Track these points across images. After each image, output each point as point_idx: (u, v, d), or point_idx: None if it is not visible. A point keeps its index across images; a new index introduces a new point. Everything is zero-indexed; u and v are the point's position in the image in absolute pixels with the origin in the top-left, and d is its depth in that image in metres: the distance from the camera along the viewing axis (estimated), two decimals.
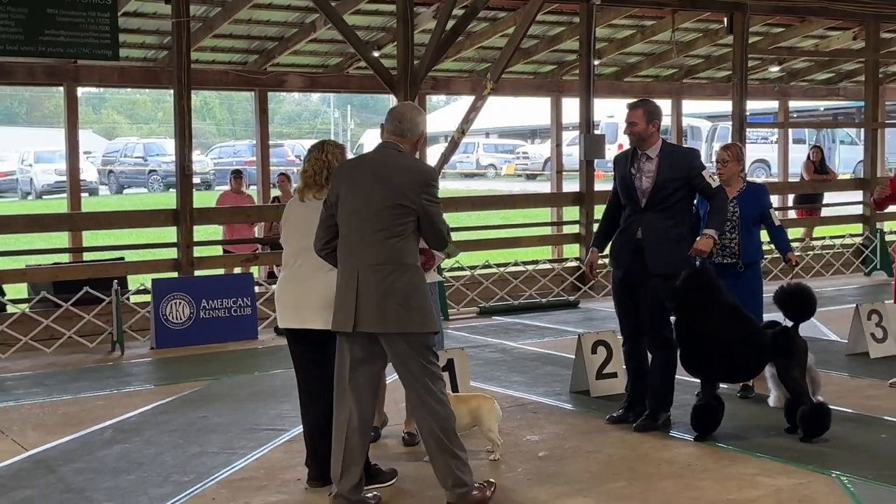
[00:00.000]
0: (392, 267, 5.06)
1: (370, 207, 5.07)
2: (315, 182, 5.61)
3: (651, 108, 6.72)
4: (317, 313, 5.48)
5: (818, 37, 16.87)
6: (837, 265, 14.96)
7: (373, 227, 5.06)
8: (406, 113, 5.31)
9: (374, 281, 5.04)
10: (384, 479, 5.64)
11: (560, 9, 13.79)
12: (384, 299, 5.03)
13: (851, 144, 32.47)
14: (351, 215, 5.12)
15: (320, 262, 5.46)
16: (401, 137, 5.24)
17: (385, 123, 5.40)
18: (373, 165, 5.21)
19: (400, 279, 5.06)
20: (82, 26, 10.29)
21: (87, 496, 5.66)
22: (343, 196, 5.16)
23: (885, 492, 5.49)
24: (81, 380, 8.77)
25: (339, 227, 5.18)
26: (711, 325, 6.36)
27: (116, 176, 34.57)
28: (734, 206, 7.53)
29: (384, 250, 5.06)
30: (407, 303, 5.05)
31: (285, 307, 5.64)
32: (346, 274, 5.12)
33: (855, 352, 9.15)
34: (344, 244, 5.16)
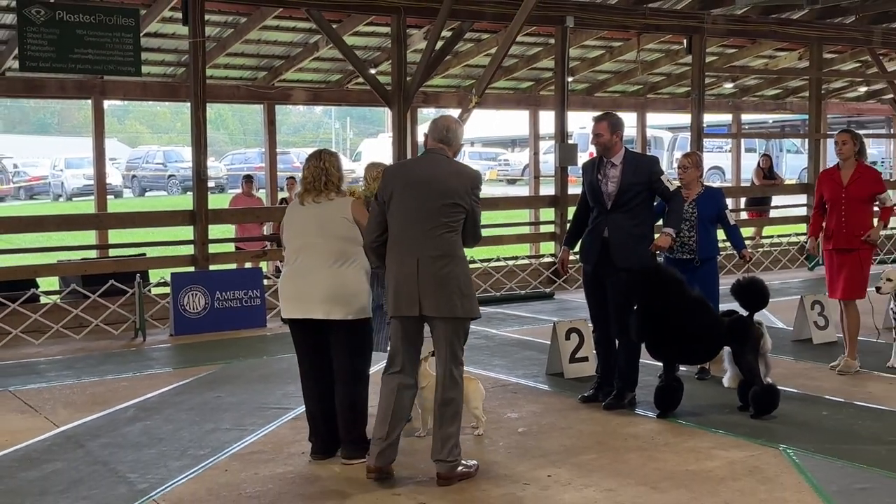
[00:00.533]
0: (449, 258, 5.14)
1: (429, 205, 5.13)
2: (314, 187, 5.58)
3: (614, 120, 6.73)
4: (318, 305, 5.47)
5: (767, 57, 16.92)
6: (784, 261, 14.99)
7: (432, 222, 5.12)
8: (451, 125, 5.36)
9: (434, 269, 5.10)
10: None
11: (537, 31, 13.78)
12: (444, 286, 5.10)
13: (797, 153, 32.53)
14: (409, 212, 5.15)
15: (320, 258, 5.47)
16: (446, 146, 5.31)
17: (429, 133, 5.40)
18: (426, 168, 5.26)
19: (456, 268, 5.15)
20: (108, 45, 10.25)
21: (112, 468, 5.63)
22: (398, 194, 5.19)
23: (826, 463, 5.51)
24: (107, 363, 8.73)
25: (393, 222, 5.21)
26: (675, 314, 6.36)
27: (139, 180, 34.37)
28: (693, 208, 7.54)
29: (442, 243, 5.13)
30: (461, 291, 5.14)
31: (288, 299, 5.62)
32: (405, 264, 5.15)
33: (799, 338, 9.18)
34: (401, 237, 5.19)
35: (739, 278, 6.79)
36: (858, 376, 7.64)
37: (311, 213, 5.54)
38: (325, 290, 5.44)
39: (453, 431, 5.23)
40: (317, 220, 5.52)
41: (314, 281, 5.48)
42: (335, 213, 5.51)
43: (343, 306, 5.46)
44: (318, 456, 5.69)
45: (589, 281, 6.85)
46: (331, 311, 5.46)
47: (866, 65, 17.57)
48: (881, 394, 7.10)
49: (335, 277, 5.46)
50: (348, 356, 5.56)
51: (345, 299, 5.46)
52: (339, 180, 5.61)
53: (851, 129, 8.15)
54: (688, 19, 13.76)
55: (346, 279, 5.48)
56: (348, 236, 5.51)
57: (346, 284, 5.48)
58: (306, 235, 5.54)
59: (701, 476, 5.31)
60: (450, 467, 5.21)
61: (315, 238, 5.52)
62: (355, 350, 5.58)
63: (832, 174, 7.91)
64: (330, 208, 5.53)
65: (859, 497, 4.96)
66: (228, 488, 5.26)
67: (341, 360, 5.57)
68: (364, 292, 5.56)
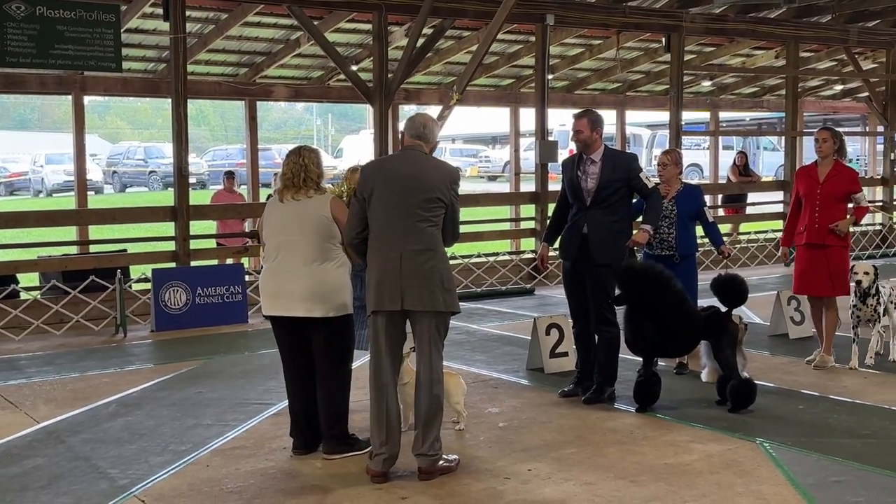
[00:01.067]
0: (432, 252, 5.15)
1: (410, 200, 5.13)
2: (293, 184, 5.54)
3: (594, 117, 6.74)
4: (298, 303, 5.45)
5: (745, 55, 17.00)
6: (761, 257, 15.08)
7: (414, 217, 5.12)
8: (427, 122, 5.39)
9: (417, 263, 5.10)
10: (361, 447, 5.61)
11: (518, 29, 13.79)
12: (427, 280, 5.11)
13: (774, 151, 32.73)
14: (391, 207, 5.15)
15: (300, 256, 5.45)
16: (424, 142, 5.32)
17: (406, 130, 5.40)
18: (405, 164, 5.26)
19: (438, 263, 5.16)
20: (89, 41, 10.17)
21: (93, 464, 5.60)
22: (379, 191, 5.18)
23: (802, 456, 5.55)
24: (88, 359, 8.67)
25: (374, 218, 5.20)
26: (656, 309, 6.37)
27: (120, 176, 34.13)
28: (672, 205, 7.57)
29: (424, 237, 5.14)
30: (443, 284, 5.16)
31: (269, 297, 5.60)
32: (388, 259, 5.14)
33: (776, 333, 9.24)
34: (383, 232, 5.18)
35: (719, 274, 6.83)
36: (833, 371, 7.71)
37: (290, 210, 5.52)
38: (305, 287, 5.43)
39: (435, 426, 5.23)
40: (296, 218, 5.50)
41: (294, 279, 5.46)
42: (314, 211, 5.48)
43: (323, 304, 5.44)
44: (299, 451, 5.68)
45: (568, 276, 6.86)
46: (311, 308, 5.44)
47: (842, 63, 17.69)
48: (856, 388, 7.16)
49: (315, 275, 5.44)
50: (330, 353, 5.55)
51: (325, 297, 5.44)
52: (318, 177, 5.57)
53: (832, 127, 8.20)
54: (666, 18, 13.82)
55: (326, 276, 5.46)
56: (328, 234, 5.48)
57: (325, 282, 5.45)
58: (286, 233, 5.52)
59: (679, 469, 5.34)
60: (431, 462, 5.21)
61: (295, 235, 5.49)
62: (337, 347, 5.57)
63: (809, 171, 7.96)
64: (309, 206, 5.49)
65: (835, 490, 5.00)
66: (210, 484, 5.24)
67: (323, 356, 5.56)
68: (345, 289, 5.54)
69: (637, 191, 6.73)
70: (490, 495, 5.01)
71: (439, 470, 5.24)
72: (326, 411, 5.59)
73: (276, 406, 6.72)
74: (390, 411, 5.21)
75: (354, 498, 5.00)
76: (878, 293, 7.73)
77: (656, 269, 6.48)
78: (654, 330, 6.41)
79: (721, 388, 6.64)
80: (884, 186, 17.47)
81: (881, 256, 15.75)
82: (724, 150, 21.90)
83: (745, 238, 15.60)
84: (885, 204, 17.33)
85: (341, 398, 5.62)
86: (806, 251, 7.85)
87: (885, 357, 7.99)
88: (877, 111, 17.12)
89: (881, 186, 17.65)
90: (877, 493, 4.95)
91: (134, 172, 34.01)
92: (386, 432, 5.19)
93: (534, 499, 4.95)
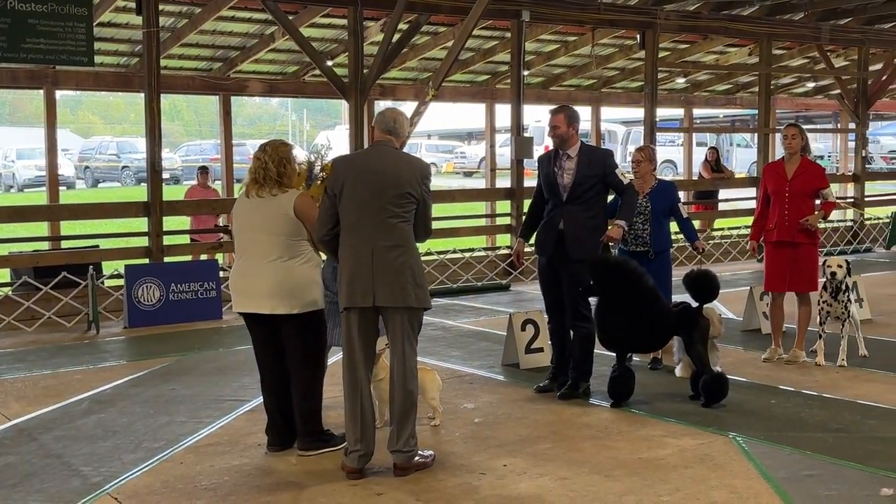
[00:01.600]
0: (403, 248, 5.12)
1: (381, 195, 5.08)
2: (256, 181, 5.47)
3: (571, 112, 6.76)
4: (265, 300, 5.42)
5: (718, 53, 17.11)
6: (734, 253, 15.19)
7: (385, 212, 5.08)
8: (398, 117, 5.34)
9: (389, 259, 5.08)
10: (337, 443, 5.61)
11: (494, 25, 13.79)
12: (398, 276, 5.08)
13: (747, 147, 32.98)
14: (362, 203, 5.10)
15: (264, 253, 5.40)
16: (394, 137, 5.29)
17: (376, 125, 5.36)
18: (376, 160, 5.20)
19: (410, 258, 5.13)
20: (60, 35, 10.06)
21: (66, 461, 5.55)
22: (349, 186, 5.13)
23: (774, 450, 5.60)
24: (60, 356, 8.58)
25: (345, 214, 5.15)
26: (628, 304, 6.41)
27: (92, 171, 33.82)
28: (647, 201, 7.61)
29: (396, 232, 5.11)
30: (415, 280, 5.13)
31: (238, 293, 5.57)
32: (360, 254, 5.10)
33: (749, 328, 9.32)
34: (354, 228, 5.13)
35: (691, 270, 6.87)
36: (805, 366, 7.77)
37: (254, 206, 5.46)
38: (269, 284, 5.39)
39: (410, 422, 5.23)
40: (260, 215, 5.44)
41: (259, 275, 5.43)
42: (276, 209, 5.41)
43: (289, 300, 5.39)
44: (274, 448, 5.66)
45: (544, 272, 6.87)
46: (276, 305, 5.40)
47: (814, 61, 17.85)
48: (828, 383, 7.23)
49: (279, 272, 5.39)
50: (301, 349, 5.51)
51: (290, 293, 5.38)
52: (278, 175, 5.43)
53: (798, 124, 8.26)
54: (641, 15, 13.87)
55: (291, 273, 5.40)
56: (292, 232, 5.41)
57: (290, 278, 5.39)
58: (251, 230, 5.48)
59: (653, 464, 5.37)
60: (406, 458, 5.21)
61: (258, 233, 5.45)
62: (307, 343, 5.52)
63: (777, 167, 8.02)
64: (271, 205, 5.42)
65: (806, 483, 5.05)
66: (184, 481, 5.21)
67: (294, 353, 5.52)
68: (312, 286, 5.47)
69: (612, 187, 6.75)
70: (466, 491, 5.01)
71: (415, 466, 5.24)
72: (300, 408, 5.57)
73: (250, 402, 6.69)
74: (365, 408, 5.20)
75: (330, 494, 4.99)
76: (848, 289, 7.79)
77: (629, 264, 6.52)
78: (624, 325, 6.45)
79: (695, 382, 6.69)
80: (855, 183, 17.65)
81: (852, 252, 15.91)
82: (698, 147, 22.02)
83: (718, 234, 15.70)
84: (856, 200, 17.52)
85: (314, 395, 5.59)
86: (776, 248, 7.90)
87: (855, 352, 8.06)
88: (848, 108, 17.29)
89: (852, 183, 17.84)
90: (848, 486, 5.00)
91: (106, 167, 33.72)
92: (361, 429, 5.17)
93: (509, 494, 4.96)
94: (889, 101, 20.94)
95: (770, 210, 7.94)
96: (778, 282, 7.95)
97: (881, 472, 5.19)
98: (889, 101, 21.14)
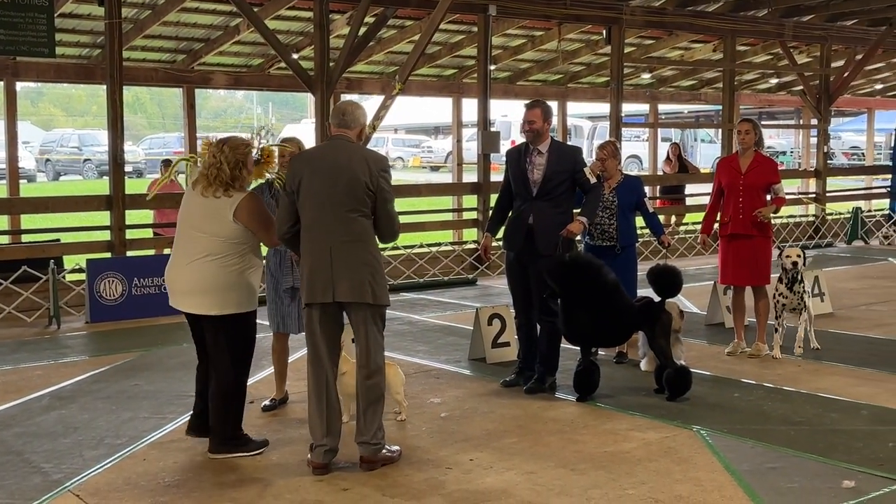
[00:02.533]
0: (362, 243, 5.11)
1: (338, 190, 5.06)
2: (206, 177, 5.37)
3: (546, 108, 6.77)
4: (185, 297, 5.40)
5: (683, 49, 17.24)
6: (698, 247, 15.26)
7: (342, 207, 5.06)
8: (347, 108, 5.29)
9: (347, 254, 5.06)
10: (252, 449, 5.50)
11: (461, 19, 13.77)
12: (357, 271, 5.07)
13: (711, 143, 33.28)
14: (319, 199, 5.08)
15: (191, 250, 5.36)
16: (347, 129, 5.24)
17: (330, 120, 5.35)
18: (331, 154, 5.17)
19: (368, 255, 5.12)
20: (21, 26, 9.91)
21: (26, 458, 5.47)
22: (307, 182, 5.11)
23: (738, 443, 5.66)
24: (20, 351, 8.46)
25: (304, 210, 5.12)
26: (588, 300, 6.42)
27: (53, 164, 33.37)
28: (613, 196, 7.64)
29: (354, 227, 5.08)
30: (374, 277, 5.12)
31: (168, 287, 5.57)
32: (319, 251, 5.09)
33: (712, 322, 9.40)
34: (313, 225, 5.11)
35: (654, 265, 6.91)
36: (768, 359, 7.86)
37: (197, 203, 5.39)
38: (187, 283, 5.36)
39: (377, 415, 5.22)
40: (199, 212, 5.37)
41: (180, 272, 5.42)
42: (216, 211, 5.32)
43: (206, 301, 5.32)
44: (191, 433, 5.61)
45: (511, 267, 6.88)
46: (193, 304, 5.37)
47: (777, 57, 18.04)
48: (790, 376, 7.32)
49: (198, 271, 5.32)
50: (219, 351, 5.42)
51: (208, 294, 5.31)
52: (231, 178, 5.32)
53: (752, 119, 8.34)
54: (607, 10, 13.93)
55: (211, 273, 5.31)
56: (227, 235, 5.31)
57: (208, 279, 5.31)
58: (188, 226, 5.44)
59: (618, 457, 5.40)
60: (374, 450, 5.20)
61: (192, 230, 5.40)
62: (227, 346, 5.40)
63: (731, 162, 8.10)
64: (213, 206, 5.32)
65: (769, 476, 5.11)
66: (146, 477, 5.15)
67: (213, 354, 5.46)
68: (236, 288, 5.33)
69: (579, 184, 6.76)
70: (432, 485, 5.01)
71: (382, 460, 5.23)
72: (215, 409, 5.46)
73: None
74: (330, 402, 5.18)
75: (295, 490, 4.96)
76: (803, 281, 7.88)
77: (587, 258, 6.54)
78: (587, 320, 6.45)
79: (659, 376, 6.74)
80: (817, 179, 17.87)
81: (814, 247, 16.13)
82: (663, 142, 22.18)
83: (683, 229, 15.82)
84: (818, 196, 17.74)
85: (230, 397, 5.44)
86: (730, 242, 7.98)
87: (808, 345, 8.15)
88: (811, 105, 17.50)
89: (814, 179, 18.06)
90: (810, 478, 5.06)
91: (68, 160, 33.29)
92: (327, 424, 5.15)
93: (475, 488, 4.97)
94: (851, 97, 21.20)
95: (724, 204, 8.02)
96: (732, 275, 8.03)
97: (843, 464, 5.26)
98: (851, 98, 21.40)
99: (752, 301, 8.10)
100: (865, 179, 21.77)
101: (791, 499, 4.79)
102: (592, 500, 4.78)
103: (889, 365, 7.60)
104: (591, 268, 6.43)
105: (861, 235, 17.01)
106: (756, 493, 4.84)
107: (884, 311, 10.08)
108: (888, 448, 5.55)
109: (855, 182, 23.60)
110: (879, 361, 7.73)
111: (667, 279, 6.76)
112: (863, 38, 17.00)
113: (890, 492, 4.87)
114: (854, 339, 8.70)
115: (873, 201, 19.96)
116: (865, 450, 5.51)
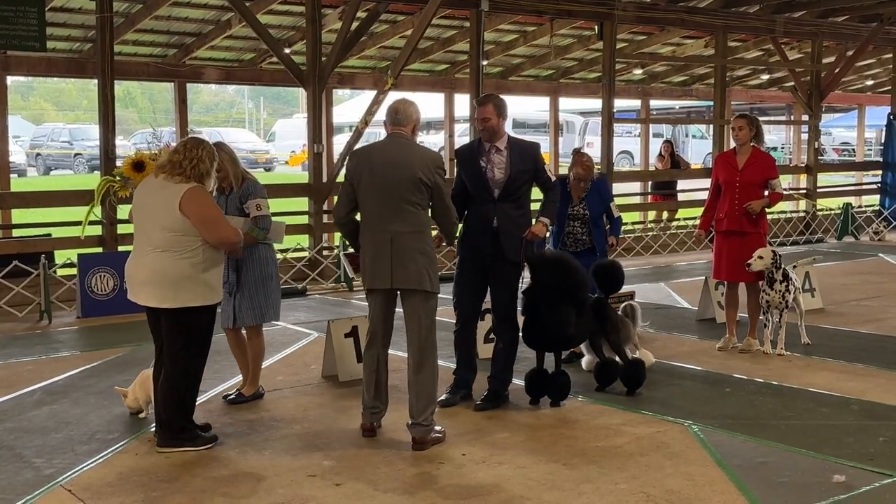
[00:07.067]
0: (420, 233, 5.48)
1: (397, 184, 5.43)
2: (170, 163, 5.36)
3: (499, 102, 6.31)
4: (140, 288, 5.44)
5: (675, 44, 17.26)
6: (689, 243, 15.34)
7: (402, 200, 5.43)
8: (399, 107, 5.64)
9: (405, 243, 5.43)
10: (200, 444, 5.47)
11: (453, 14, 13.77)
12: (415, 260, 5.44)
13: (702, 139, 33.35)
14: (380, 192, 5.45)
15: (145, 242, 5.39)
16: (401, 127, 5.60)
17: (385, 120, 5.66)
18: (391, 151, 5.54)
19: (424, 244, 5.50)
20: (12, 20, 9.87)
21: (18, 453, 5.45)
22: (367, 177, 5.48)
23: (729, 438, 5.68)
24: (11, 346, 8.43)
25: (364, 203, 5.52)
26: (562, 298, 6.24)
27: (44, 158, 33.25)
28: (584, 208, 7.50)
29: (411, 218, 5.46)
30: (430, 265, 5.51)
31: (126, 282, 5.60)
32: (379, 241, 5.48)
33: (704, 318, 9.41)
34: (374, 216, 5.50)
35: (599, 261, 6.91)
36: (759, 354, 7.88)
37: (153, 191, 5.41)
38: (142, 275, 5.40)
39: (431, 397, 5.53)
40: (152, 202, 5.38)
41: (136, 264, 5.46)
42: (167, 198, 5.29)
43: (160, 293, 5.34)
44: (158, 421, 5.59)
45: (468, 268, 6.36)
46: (149, 297, 5.40)
47: (769, 53, 18.08)
48: (780, 371, 7.34)
49: (151, 264, 5.35)
50: (171, 344, 5.43)
51: (161, 286, 5.33)
52: (205, 173, 5.39)
53: (748, 115, 8.33)
54: (599, 6, 13.93)
55: (164, 266, 5.31)
56: (175, 228, 5.30)
57: (161, 271, 5.32)
58: (143, 217, 5.45)
59: (610, 452, 5.42)
60: (424, 431, 5.48)
61: (146, 222, 5.42)
62: (179, 339, 5.40)
63: (728, 158, 8.09)
64: (166, 191, 5.31)
65: (761, 470, 5.12)
66: (139, 472, 5.14)
67: (167, 346, 5.47)
68: (187, 281, 5.32)
69: (540, 184, 6.40)
70: (425, 480, 5.02)
71: (431, 441, 5.50)
72: (164, 401, 5.45)
73: (206, 394, 6.61)
74: (380, 375, 5.62)
75: (288, 485, 4.96)
76: (787, 279, 7.83)
77: (563, 255, 6.50)
78: (559, 320, 6.19)
79: (599, 375, 6.73)
80: (808, 174, 17.92)
81: (804, 243, 16.18)
82: (655, 138, 22.22)
83: (674, 225, 15.85)
84: (808, 191, 17.79)
85: (179, 391, 5.43)
86: (725, 238, 7.99)
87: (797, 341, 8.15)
88: (802, 100, 17.55)
89: (805, 174, 18.11)
90: (801, 473, 5.08)
91: (59, 155, 33.16)
92: (375, 390, 5.61)
93: (468, 483, 4.97)
94: (841, 93, 21.30)
95: (720, 200, 8.02)
96: (726, 271, 8.05)
97: (833, 459, 5.28)
98: (841, 94, 21.50)
99: (745, 297, 8.12)
100: (856, 175, 21.84)
101: (782, 493, 4.81)
102: (584, 495, 4.80)
103: (879, 360, 7.63)
104: (571, 265, 6.32)
105: (852, 231, 17.07)
106: (747, 488, 4.85)
107: (874, 307, 10.11)
108: (878, 443, 5.57)
109: (846, 178, 23.68)
110: (869, 357, 7.76)
111: (607, 275, 6.74)
112: (853, 35, 17.06)
113: (880, 486, 4.90)
114: (844, 334, 8.73)
115: (864, 197, 20.03)
116: (856, 444, 5.53)
